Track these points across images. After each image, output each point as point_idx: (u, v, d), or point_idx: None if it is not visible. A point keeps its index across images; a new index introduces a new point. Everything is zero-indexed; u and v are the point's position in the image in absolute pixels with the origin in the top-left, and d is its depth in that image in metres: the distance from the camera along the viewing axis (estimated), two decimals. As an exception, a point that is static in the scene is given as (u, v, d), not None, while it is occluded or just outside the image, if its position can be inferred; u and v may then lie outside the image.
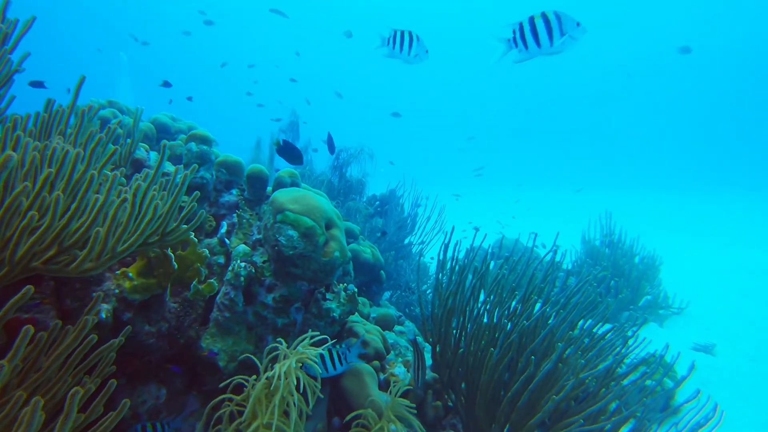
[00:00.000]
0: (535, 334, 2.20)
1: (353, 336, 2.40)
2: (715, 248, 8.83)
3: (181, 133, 3.76)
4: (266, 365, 1.67)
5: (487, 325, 2.14)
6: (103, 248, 1.04)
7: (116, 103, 3.73)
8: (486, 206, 14.50)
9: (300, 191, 2.01)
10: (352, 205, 5.21)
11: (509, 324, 2.19)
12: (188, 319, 1.98)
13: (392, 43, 2.75)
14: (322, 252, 1.91)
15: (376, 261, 3.58)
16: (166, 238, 1.35)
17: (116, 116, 3.54)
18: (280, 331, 2.10)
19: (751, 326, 4.77)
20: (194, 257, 1.76)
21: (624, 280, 4.93)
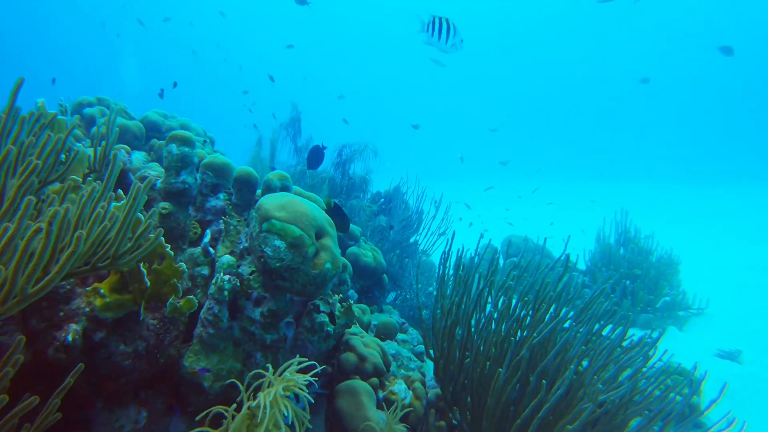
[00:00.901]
0: (546, 349, 2.05)
1: (350, 350, 2.27)
2: (734, 243, 8.57)
3: (172, 131, 3.63)
4: (249, 393, 1.53)
5: (494, 339, 2.00)
6: (10, 292, 0.88)
7: (105, 101, 3.60)
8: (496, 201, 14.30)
9: (288, 196, 1.87)
10: (355, 204, 5.08)
11: (519, 334, 2.05)
12: (169, 337, 1.85)
13: (431, 30, 2.72)
14: (311, 264, 1.77)
15: (377, 265, 3.44)
16: (118, 261, 1.21)
17: (104, 114, 3.42)
18: (269, 347, 1.97)
19: (777, 329, 4.58)
20: (170, 272, 1.63)
21: (640, 281, 4.75)
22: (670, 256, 5.21)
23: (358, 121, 22.68)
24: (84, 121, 3.40)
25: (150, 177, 2.13)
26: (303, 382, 1.47)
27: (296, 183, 5.19)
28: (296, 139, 5.80)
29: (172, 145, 1.98)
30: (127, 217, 1.15)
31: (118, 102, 3.83)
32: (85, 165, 1.85)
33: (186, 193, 2.02)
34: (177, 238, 2.04)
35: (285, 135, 5.82)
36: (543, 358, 2.05)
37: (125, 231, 1.17)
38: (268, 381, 1.49)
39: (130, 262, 1.24)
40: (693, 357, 3.91)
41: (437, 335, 2.15)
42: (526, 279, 2.40)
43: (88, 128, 3.24)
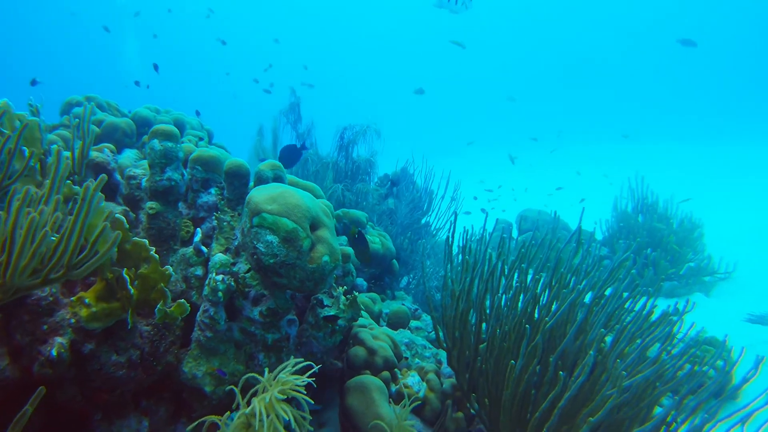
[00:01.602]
0: (566, 330, 1.93)
1: (359, 344, 2.18)
2: (761, 201, 8.29)
3: (155, 125, 3.53)
4: (246, 398, 1.45)
5: (509, 321, 1.88)
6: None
7: (94, 98, 3.51)
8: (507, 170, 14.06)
9: (279, 187, 1.76)
10: (361, 187, 4.95)
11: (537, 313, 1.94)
12: (165, 343, 1.77)
13: None
14: (307, 258, 1.67)
15: (386, 251, 3.33)
16: (73, 271, 1.12)
17: (94, 114, 3.33)
18: (271, 348, 1.88)
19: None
20: (157, 276, 1.54)
21: (661, 249, 4.58)
22: (691, 219, 5.03)
23: (359, 104, 22.16)
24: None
25: (136, 176, 2.04)
26: (301, 384, 1.38)
27: (299, 170, 5.09)
28: (297, 125, 5.67)
29: (154, 140, 1.88)
30: (75, 223, 1.05)
31: (109, 100, 3.74)
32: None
33: (173, 191, 1.93)
34: (168, 239, 1.95)
35: (285, 122, 5.69)
36: (562, 339, 1.94)
37: (76, 238, 1.07)
38: (264, 386, 1.40)
39: (85, 271, 1.14)
40: (722, 323, 3.77)
41: (448, 324, 2.04)
42: (542, 253, 2.27)
43: (78, 128, 3.15)
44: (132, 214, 1.97)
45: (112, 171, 2.04)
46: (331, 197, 4.60)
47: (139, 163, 2.30)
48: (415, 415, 2.07)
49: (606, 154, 16.52)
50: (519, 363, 1.66)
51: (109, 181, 2.04)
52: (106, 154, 2.06)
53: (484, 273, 2.08)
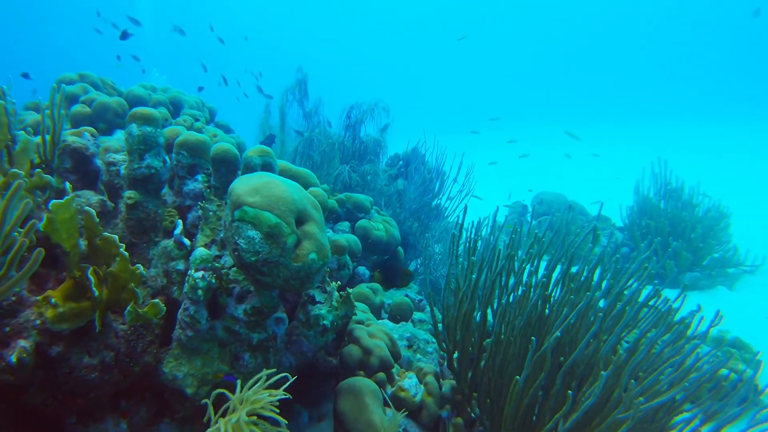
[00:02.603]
0: (578, 337, 1.79)
1: (353, 342, 2.06)
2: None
3: (161, 105, 3.41)
4: (218, 416, 1.34)
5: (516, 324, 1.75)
6: None
7: (88, 77, 3.40)
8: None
9: (264, 177, 1.63)
10: (368, 168, 4.80)
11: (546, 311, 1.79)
12: (143, 343, 1.68)
13: None
14: (292, 255, 1.54)
15: (390, 238, 3.20)
16: None
17: (87, 92, 3.22)
18: (257, 348, 1.77)
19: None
20: (127, 275, 1.42)
21: (684, 240, 4.36)
22: (718, 208, 4.78)
23: (370, 81, 21.67)
24: (66, 100, 3.20)
25: (116, 162, 1.92)
26: (273, 401, 1.27)
27: (305, 151, 4.93)
28: (303, 103, 5.50)
29: (132, 125, 1.75)
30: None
31: (104, 77, 3.62)
32: (33, 155, 1.64)
33: (152, 179, 1.80)
34: (148, 230, 1.84)
35: (291, 99, 5.53)
36: (572, 343, 1.80)
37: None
38: (234, 404, 1.29)
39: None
40: (746, 320, 3.58)
41: (450, 325, 1.92)
42: (553, 247, 2.12)
43: (70, 108, 3.05)
44: (110, 204, 1.86)
45: (91, 156, 1.92)
46: (337, 179, 4.46)
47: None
48: (411, 419, 1.96)
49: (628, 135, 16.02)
50: (524, 374, 1.53)
51: (89, 168, 1.93)
52: (86, 139, 1.94)
53: (492, 269, 1.94)
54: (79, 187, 1.91)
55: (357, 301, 2.62)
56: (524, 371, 1.51)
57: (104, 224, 1.82)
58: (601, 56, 34.22)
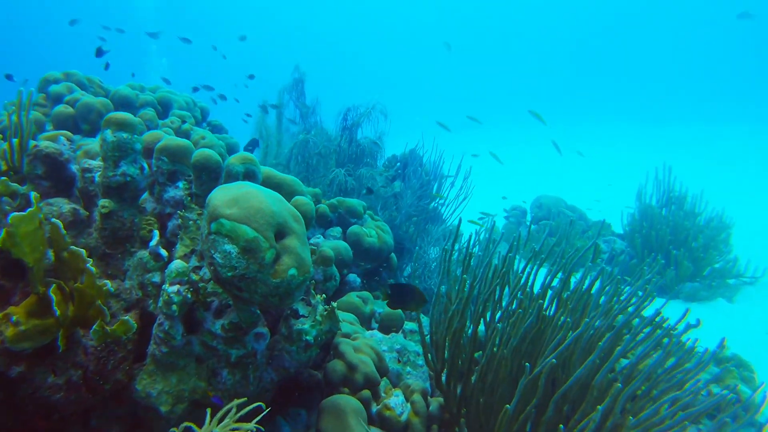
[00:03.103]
0: (571, 363, 1.72)
1: (338, 357, 1.99)
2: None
3: (148, 106, 3.34)
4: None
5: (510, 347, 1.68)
6: None
7: (74, 75, 3.32)
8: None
9: (243, 188, 1.56)
10: (364, 172, 4.72)
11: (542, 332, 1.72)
12: (114, 359, 1.61)
13: None
14: (270, 271, 1.47)
15: (382, 245, 3.13)
16: None
17: (72, 91, 3.15)
18: (235, 364, 1.70)
19: None
20: (93, 291, 1.35)
21: (685, 249, 4.29)
22: (721, 218, 4.71)
23: (368, 82, 21.51)
24: (50, 100, 3.13)
25: (91, 168, 1.85)
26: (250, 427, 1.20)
27: (299, 154, 4.86)
28: (299, 102, 5.43)
29: (106, 130, 1.68)
30: None
31: (91, 76, 3.54)
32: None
33: (128, 187, 1.73)
34: (123, 240, 1.77)
35: (288, 99, 5.45)
36: (567, 364, 1.73)
37: None
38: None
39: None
40: (746, 334, 3.51)
41: (438, 343, 1.85)
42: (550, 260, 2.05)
43: (54, 107, 2.97)
44: (84, 212, 1.79)
45: (65, 162, 1.85)
46: (332, 183, 4.39)
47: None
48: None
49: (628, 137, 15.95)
50: (514, 401, 1.46)
51: (63, 174, 1.86)
52: (60, 143, 1.87)
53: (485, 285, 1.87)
54: (53, 194, 1.83)
55: (346, 311, 2.56)
56: (515, 397, 1.44)
57: (77, 234, 1.75)
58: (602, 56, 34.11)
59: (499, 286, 1.91)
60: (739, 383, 2.54)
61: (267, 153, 5.04)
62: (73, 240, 1.72)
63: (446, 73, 35.83)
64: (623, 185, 8.28)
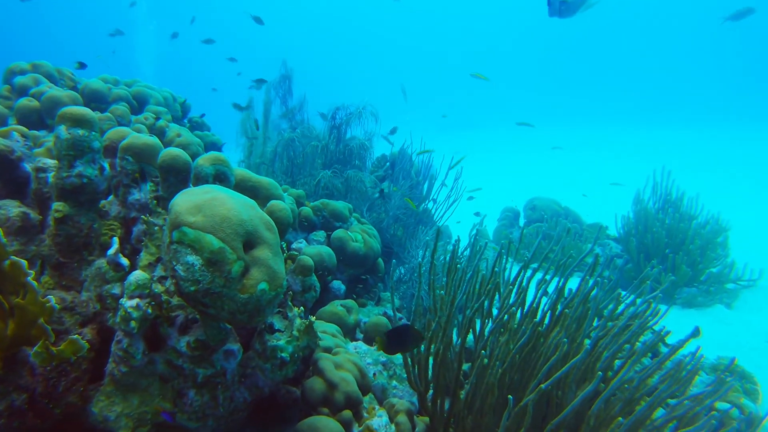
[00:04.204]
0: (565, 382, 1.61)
1: (317, 374, 1.86)
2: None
3: (121, 101, 3.18)
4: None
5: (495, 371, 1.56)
6: None
7: (42, 66, 3.16)
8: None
9: (210, 192, 1.42)
10: (352, 174, 4.58)
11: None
12: (66, 381, 1.47)
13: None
14: (238, 286, 1.34)
15: (368, 250, 3.01)
16: None
17: (39, 83, 2.99)
18: (203, 385, 1.57)
19: None
20: (36, 309, 1.22)
21: (682, 253, 4.21)
22: (718, 221, 4.64)
23: (357, 81, 21.33)
24: (15, 92, 2.97)
25: (45, 168, 1.70)
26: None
27: (284, 152, 4.72)
28: (287, 100, 5.29)
29: (60, 127, 1.54)
30: None
31: (62, 67, 3.38)
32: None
33: (85, 190, 1.59)
34: (80, 248, 1.63)
35: (274, 95, 5.30)
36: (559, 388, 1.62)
37: None
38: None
39: None
40: (745, 343, 3.43)
41: (421, 363, 1.73)
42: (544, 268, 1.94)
43: (18, 99, 2.81)
44: (37, 216, 1.65)
45: (17, 161, 1.70)
46: (318, 185, 4.26)
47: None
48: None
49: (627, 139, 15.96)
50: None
51: (14, 174, 1.71)
52: (12, 140, 1.73)
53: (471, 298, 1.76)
54: (3, 196, 1.69)
55: (328, 321, 2.43)
56: (501, 429, 1.32)
57: (27, 241, 1.60)
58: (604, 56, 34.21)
59: (488, 300, 1.80)
60: (742, 396, 2.45)
61: (252, 152, 4.89)
62: (22, 247, 1.58)
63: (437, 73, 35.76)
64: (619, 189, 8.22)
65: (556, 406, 1.65)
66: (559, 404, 1.65)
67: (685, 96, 25.35)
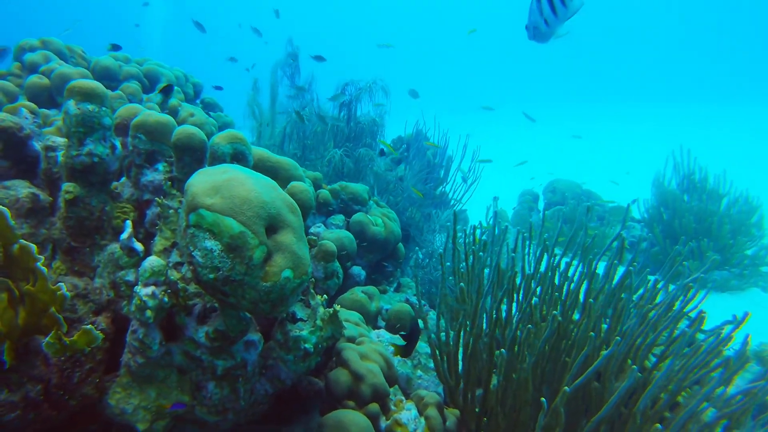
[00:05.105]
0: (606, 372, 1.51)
1: (342, 365, 1.78)
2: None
3: (132, 79, 3.08)
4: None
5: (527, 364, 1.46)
6: None
7: (52, 43, 3.06)
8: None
9: (228, 172, 1.33)
10: (364, 153, 4.44)
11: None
12: (81, 371, 1.40)
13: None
14: (260, 273, 1.24)
15: (389, 234, 2.91)
16: None
17: (49, 60, 2.90)
18: (222, 377, 1.50)
19: None
20: (47, 297, 1.14)
21: (712, 239, 4.05)
22: (747, 199, 4.46)
23: (367, 58, 20.95)
24: (25, 70, 2.89)
25: (55, 146, 1.62)
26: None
27: (293, 132, 4.58)
28: (295, 78, 5.14)
29: (69, 102, 1.44)
30: None
31: (72, 44, 3.29)
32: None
33: (96, 169, 1.50)
34: (92, 231, 1.54)
35: (282, 75, 5.16)
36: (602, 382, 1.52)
37: None
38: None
39: None
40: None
41: (450, 356, 1.63)
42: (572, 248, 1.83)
43: (29, 76, 2.73)
44: (47, 198, 1.57)
45: (25, 138, 1.62)
46: (329, 164, 4.14)
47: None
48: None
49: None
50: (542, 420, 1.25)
51: (23, 153, 1.63)
52: (21, 116, 1.64)
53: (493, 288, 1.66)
54: (12, 176, 1.61)
55: (350, 309, 2.35)
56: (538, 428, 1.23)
57: (38, 223, 1.52)
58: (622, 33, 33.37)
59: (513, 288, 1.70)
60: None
61: (261, 134, 4.77)
62: (33, 230, 1.50)
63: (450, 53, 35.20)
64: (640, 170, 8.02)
65: (594, 399, 1.56)
66: (597, 397, 1.55)
67: (692, 72, 24.68)
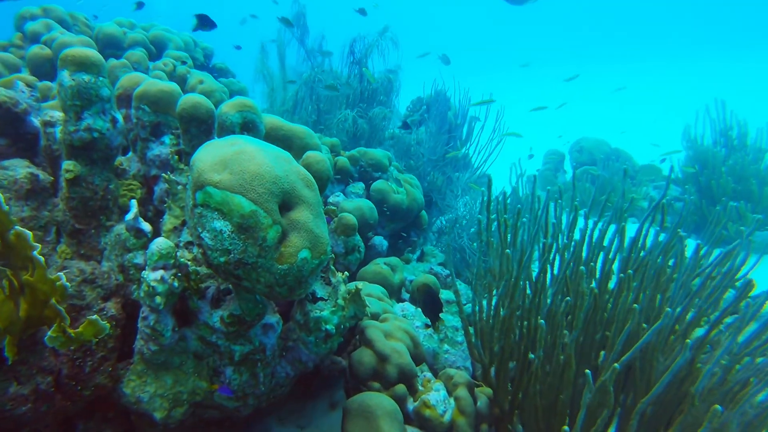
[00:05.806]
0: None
1: (366, 345, 1.69)
2: None
3: (138, 46, 2.94)
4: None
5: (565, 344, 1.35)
6: None
7: (53, 11, 2.93)
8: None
9: (237, 144, 1.20)
10: (378, 112, 4.25)
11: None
12: (93, 360, 1.33)
13: None
14: (275, 255, 1.14)
15: (412, 202, 2.78)
16: None
17: (51, 29, 2.77)
18: (241, 362, 1.42)
19: None
20: (46, 287, 1.05)
21: (748, 201, 3.82)
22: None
23: (378, 13, 20.32)
24: (26, 40, 2.77)
25: (53, 121, 1.51)
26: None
27: (305, 95, 4.38)
28: (304, 40, 4.92)
29: (63, 72, 1.32)
30: None
31: (75, 12, 3.15)
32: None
33: (96, 145, 1.39)
34: (96, 212, 1.45)
35: (291, 37, 4.94)
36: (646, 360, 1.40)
37: None
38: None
39: None
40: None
41: (484, 334, 1.53)
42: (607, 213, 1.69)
43: (31, 46, 2.61)
44: (47, 178, 1.47)
45: (23, 114, 1.51)
46: (340, 128, 3.98)
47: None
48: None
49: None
50: (581, 418, 1.14)
51: (22, 130, 1.53)
52: (18, 90, 1.53)
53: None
54: (10, 154, 1.52)
55: (372, 282, 2.25)
56: (582, 410, 1.12)
57: (39, 205, 1.44)
58: None
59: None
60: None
61: (273, 100, 4.60)
62: (34, 213, 1.42)
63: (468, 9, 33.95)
64: (666, 124, 7.66)
65: (638, 377, 1.45)
66: (643, 376, 1.44)
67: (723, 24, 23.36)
